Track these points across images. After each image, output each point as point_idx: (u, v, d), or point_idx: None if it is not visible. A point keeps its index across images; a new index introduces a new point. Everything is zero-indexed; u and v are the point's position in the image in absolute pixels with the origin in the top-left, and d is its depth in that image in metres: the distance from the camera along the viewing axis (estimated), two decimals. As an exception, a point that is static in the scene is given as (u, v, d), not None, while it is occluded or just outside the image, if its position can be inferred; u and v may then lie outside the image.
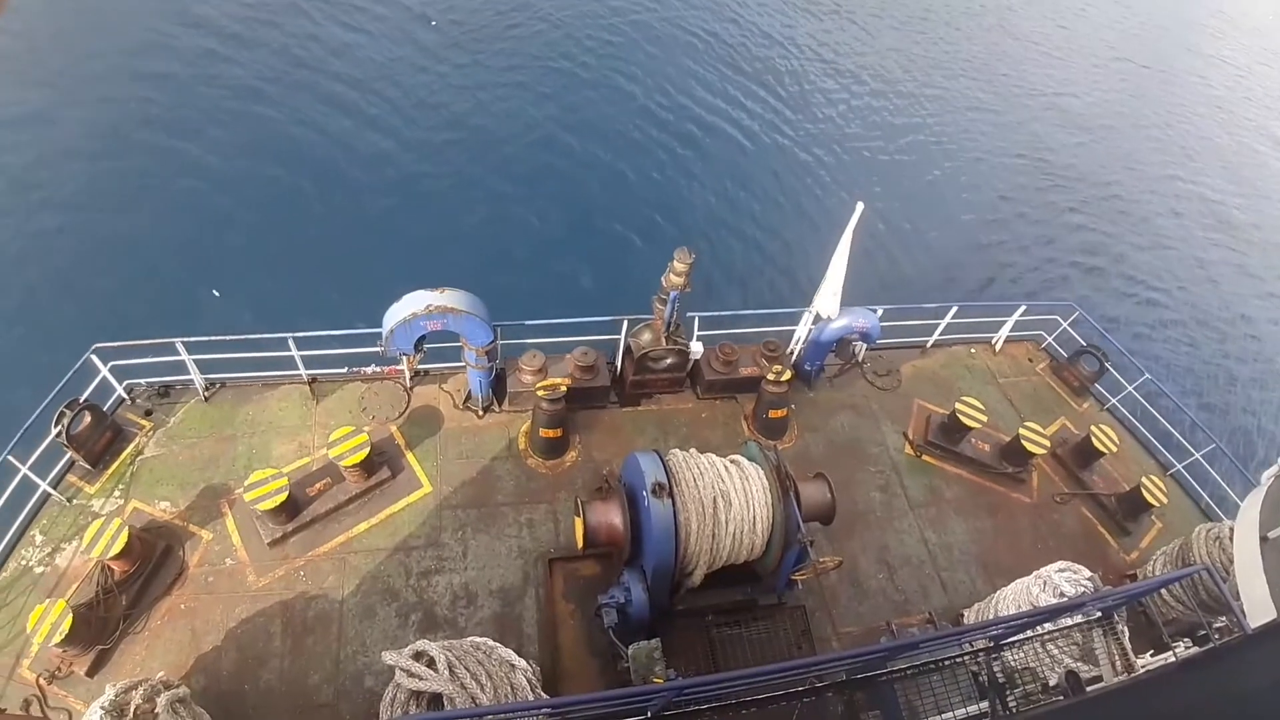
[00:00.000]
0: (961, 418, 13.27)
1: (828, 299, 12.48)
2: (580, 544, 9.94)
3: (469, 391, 13.18)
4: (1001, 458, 13.70)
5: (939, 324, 15.26)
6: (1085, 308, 16.04)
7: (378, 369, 13.58)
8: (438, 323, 11.32)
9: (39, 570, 10.93)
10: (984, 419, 13.38)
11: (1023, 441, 13.11)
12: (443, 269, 20.29)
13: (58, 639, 9.44)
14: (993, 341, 16.21)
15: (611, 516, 9.82)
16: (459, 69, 30.57)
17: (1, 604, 10.57)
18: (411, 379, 13.49)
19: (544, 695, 9.08)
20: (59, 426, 11.25)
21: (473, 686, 8.34)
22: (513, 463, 12.66)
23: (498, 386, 13.33)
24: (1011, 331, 16.02)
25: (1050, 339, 16.39)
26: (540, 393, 11.86)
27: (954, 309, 14.93)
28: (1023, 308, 15.59)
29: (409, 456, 12.56)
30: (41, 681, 9.90)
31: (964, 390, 14.81)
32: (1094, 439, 13.55)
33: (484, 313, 11.58)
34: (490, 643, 9.08)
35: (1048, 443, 13.24)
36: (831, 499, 10.17)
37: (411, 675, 8.43)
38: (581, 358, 13.16)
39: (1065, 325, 15.84)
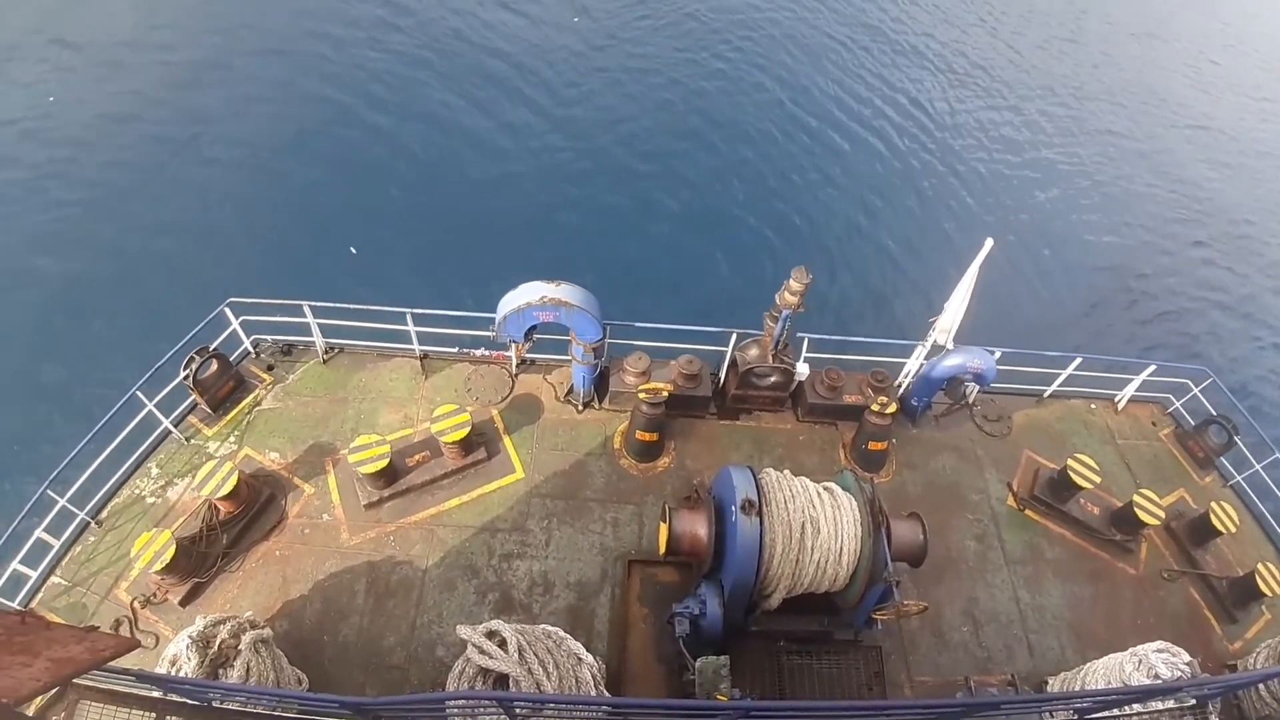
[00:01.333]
0: (1073, 475, 12.63)
1: (943, 331, 12.11)
2: (662, 550, 9.93)
3: (571, 385, 13.37)
4: (1111, 524, 12.98)
5: (1059, 374, 14.54)
6: (1220, 374, 15.01)
7: (487, 353, 13.93)
8: (550, 314, 11.53)
9: (150, 500, 11.70)
10: (1097, 480, 12.70)
11: (1136, 509, 12.38)
12: (561, 261, 20.80)
13: (159, 567, 10.09)
14: (1115, 399, 15.37)
15: (697, 527, 9.77)
16: (603, 64, 31.29)
17: (110, 528, 11.37)
18: (518, 366, 13.78)
19: (606, 694, 9.12)
20: (187, 371, 12.03)
21: (539, 673, 8.45)
22: (606, 460, 12.77)
23: (600, 384, 13.47)
24: (1137, 391, 15.12)
25: (1178, 403, 15.40)
26: (642, 395, 11.91)
27: (1077, 360, 14.23)
28: (1152, 367, 14.71)
29: (506, 441, 12.82)
30: (136, 604, 10.59)
31: (1078, 447, 14.08)
32: (1212, 516, 12.70)
33: (596, 309, 11.72)
34: (561, 633, 9.18)
35: (1162, 514, 12.47)
36: (924, 541, 9.85)
37: (483, 653, 8.59)
38: (686, 365, 13.16)
39: (1196, 391, 14.88)
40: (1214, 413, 14.68)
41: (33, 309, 19.97)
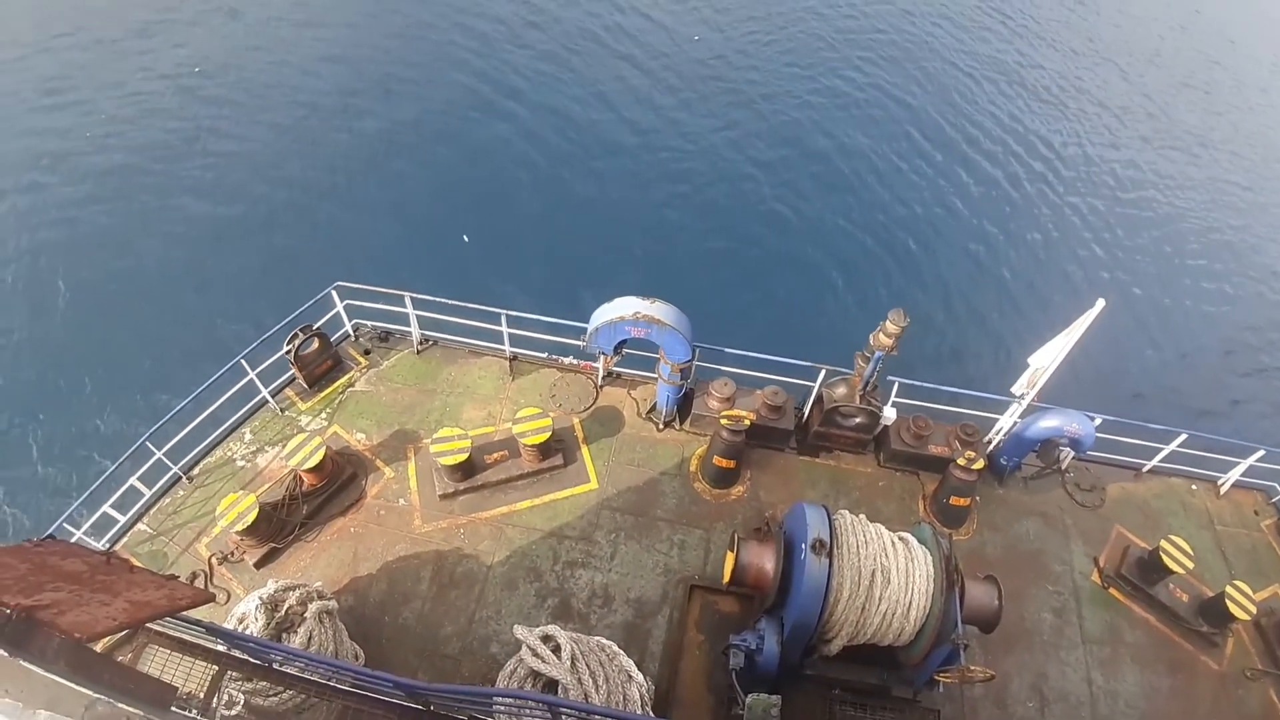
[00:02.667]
0: (1165, 558, 11.97)
1: (1035, 371, 11.62)
2: (726, 578, 9.84)
3: (655, 403, 13.40)
4: (1199, 613, 12.25)
5: (1162, 449, 13.84)
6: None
7: (575, 361, 14.10)
8: (642, 330, 11.60)
9: (240, 464, 12.27)
10: (1190, 565, 12.01)
11: (1227, 601, 11.64)
12: (659, 278, 20.98)
13: (240, 527, 10.58)
14: (1219, 482, 14.52)
15: (764, 560, 9.65)
16: (722, 88, 31.50)
17: (200, 485, 11.96)
18: (604, 378, 13.90)
19: (652, 715, 9.07)
20: (290, 346, 12.57)
21: (588, 683, 8.47)
22: (680, 482, 12.74)
23: (683, 405, 13.46)
24: (1242, 475, 14.25)
25: (1286, 494, 14.52)
26: (724, 421, 11.86)
27: (1182, 436, 13.51)
28: (1261, 452, 13.84)
29: (584, 450, 12.93)
30: (214, 560, 11.09)
31: (1174, 528, 13.36)
32: (1306, 618, 11.90)
33: (688, 330, 11.74)
34: (615, 648, 9.19)
35: (1254, 609, 11.69)
36: (999, 606, 9.48)
37: (536, 655, 8.67)
38: (772, 397, 13.04)
39: (1306, 482, 14.01)
40: (1324, 508, 13.77)
41: (162, 271, 21.28)
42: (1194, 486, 14.48)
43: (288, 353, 12.63)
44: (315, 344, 13.00)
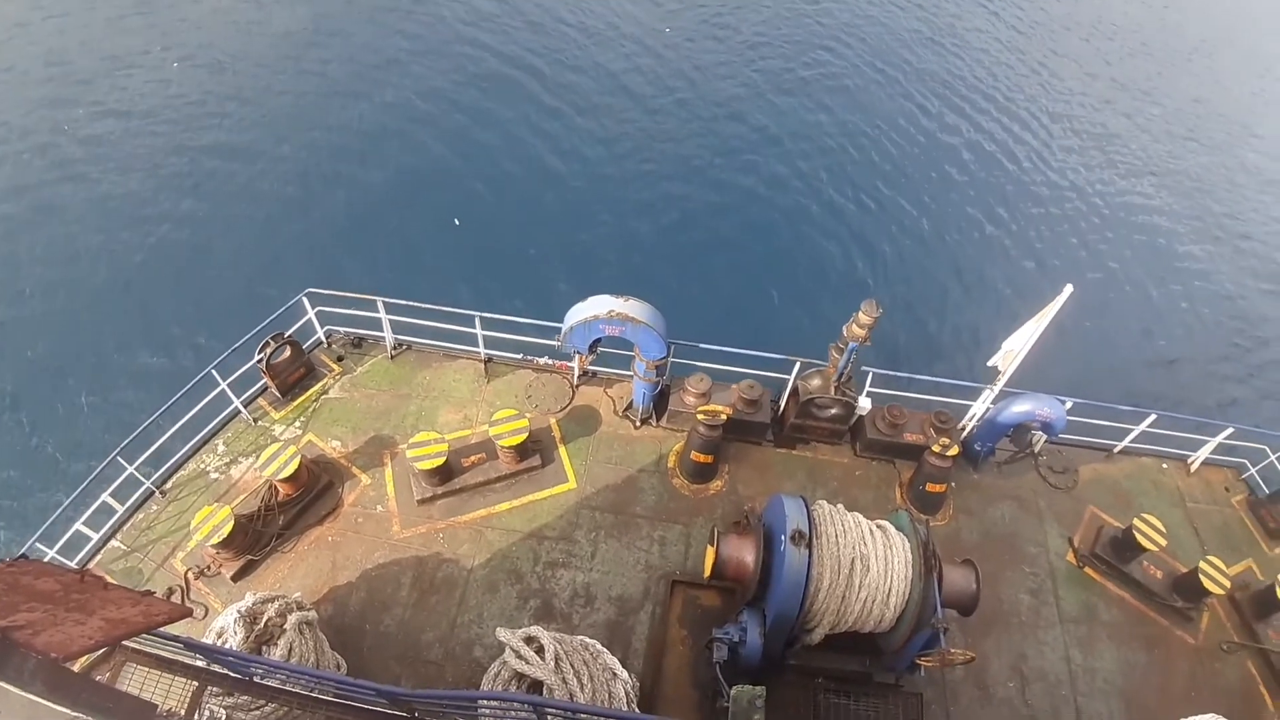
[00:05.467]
0: (1138, 536, 12.17)
1: (1006, 354, 11.75)
2: (707, 573, 9.89)
3: (631, 401, 13.42)
4: (1173, 589, 12.45)
5: (1132, 430, 14.06)
6: (1303, 446, 14.36)
7: (550, 362, 14.09)
8: (616, 329, 11.60)
9: (214, 476, 12.15)
10: (1163, 542, 12.22)
11: (1201, 576, 11.85)
12: (631, 276, 21.01)
13: (216, 540, 10.46)
14: (1189, 460, 14.76)
15: (744, 553, 9.70)
16: (688, 85, 31.51)
17: (173, 499, 11.82)
18: (579, 378, 13.89)
19: (638, 711, 9.09)
20: (261, 355, 12.45)
21: (573, 683, 8.48)
22: (658, 479, 12.77)
23: (660, 402, 13.48)
24: (1212, 453, 14.50)
25: (1254, 469, 14.73)
26: (700, 416, 11.89)
27: (1152, 417, 13.74)
28: (1229, 430, 14.10)
29: (561, 450, 12.92)
30: (190, 575, 10.96)
31: (1146, 507, 13.56)
32: (1279, 590, 12.13)
33: (662, 327, 11.76)
34: (598, 646, 9.21)
35: (1228, 583, 11.90)
36: (977, 590, 9.59)
37: (519, 657, 8.67)
38: (747, 390, 13.09)
39: (1274, 458, 14.24)
40: (1291, 481, 14.05)
41: (127, 280, 21.00)
42: (1164, 465, 14.72)
43: (259, 362, 12.50)
44: (287, 352, 12.88)
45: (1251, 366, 26.52)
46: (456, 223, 23.32)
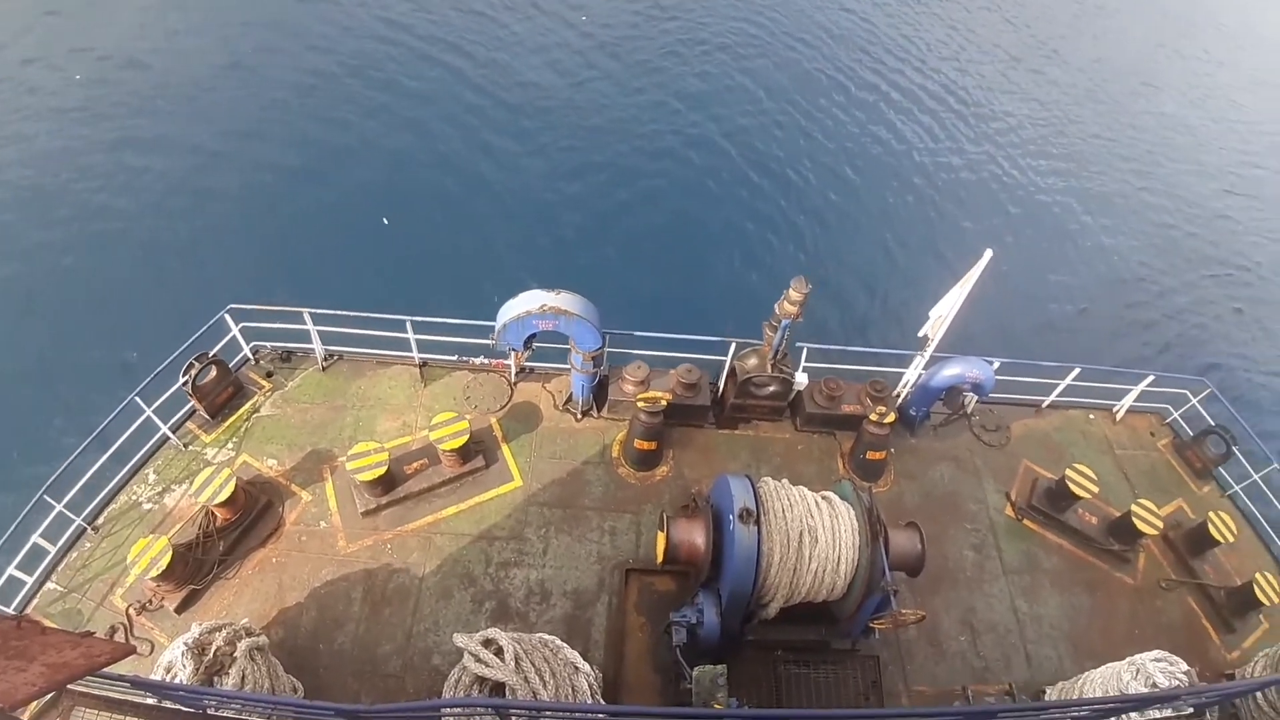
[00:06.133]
0: (1071, 485, 12.64)
1: (934, 322, 12.05)
2: (660, 558, 9.94)
3: (570, 394, 13.37)
4: (1108, 533, 12.97)
5: (1058, 384, 14.58)
6: (1219, 384, 15.03)
7: (486, 361, 13.95)
8: (550, 323, 11.54)
9: (147, 507, 11.69)
10: (1095, 490, 12.71)
11: (1134, 519, 12.38)
12: (561, 269, 20.88)
13: (155, 573, 10.08)
14: (1114, 410, 15.38)
15: (695, 535, 9.77)
16: (605, 68, 31.43)
17: (107, 534, 11.36)
18: (517, 375, 13.79)
19: (603, 702, 9.10)
20: (186, 377, 12.03)
21: (535, 681, 8.44)
22: (604, 469, 12.76)
23: (599, 392, 13.48)
24: (1135, 401, 15.14)
25: (1176, 414, 15.43)
26: (640, 404, 11.92)
27: (1076, 370, 14.25)
28: (1150, 378, 14.73)
29: (504, 449, 12.82)
30: (131, 611, 10.55)
31: (1076, 457, 14.08)
32: (1210, 526, 12.69)
33: (595, 318, 11.74)
34: (558, 642, 9.18)
35: (1160, 524, 12.45)
36: (922, 550, 9.84)
37: (479, 661, 8.58)
38: (685, 374, 13.16)
39: (1195, 401, 14.91)
40: (1212, 423, 14.71)
41: (36, 312, 20.00)
42: (1091, 416, 15.29)
43: (185, 384, 12.07)
44: (213, 372, 12.47)
45: (1164, 313, 27.71)
46: (385, 222, 22.81)
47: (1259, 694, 10.13)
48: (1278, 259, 32.39)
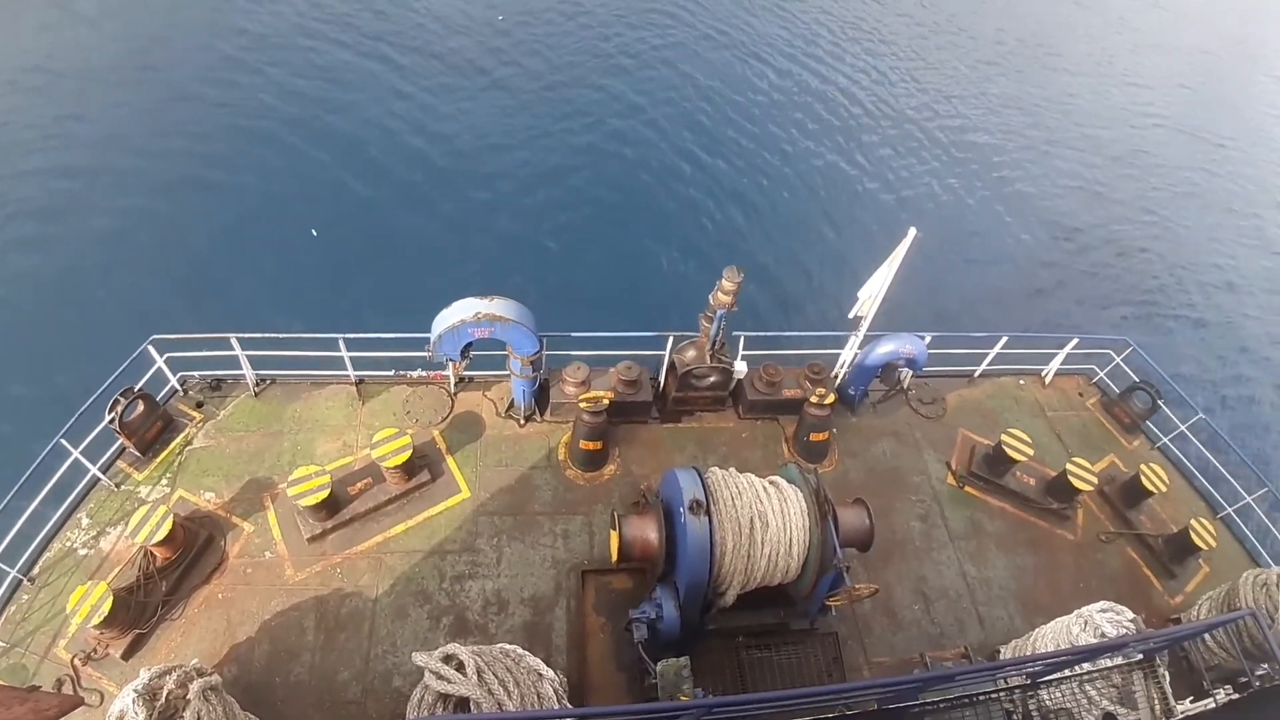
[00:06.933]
0: (1007, 450, 13.03)
1: (864, 303, 12.26)
2: (614, 557, 9.93)
3: (512, 400, 13.28)
4: (1047, 493, 13.41)
5: (988, 354, 15.01)
6: (1140, 342, 15.61)
7: (424, 373, 13.76)
8: (485, 330, 11.44)
9: (83, 552, 11.21)
10: (1030, 452, 13.13)
11: (1069, 477, 12.82)
12: (493, 275, 20.69)
13: (97, 620, 9.66)
14: (1042, 374, 15.89)
15: (647, 531, 9.80)
16: (524, 64, 31.28)
17: (44, 584, 10.86)
18: (456, 385, 13.64)
19: (570, 706, 9.07)
20: (112, 414, 11.56)
21: (500, 693, 8.35)
22: (551, 473, 12.71)
23: (540, 396, 13.40)
24: (1062, 365, 15.69)
25: (1102, 373, 16.01)
26: (583, 405, 11.89)
27: (1004, 339, 14.68)
28: (1075, 340, 15.27)
29: (449, 461, 12.67)
30: (77, 662, 10.11)
31: (1010, 422, 14.53)
32: (1143, 478, 13.21)
33: (531, 323, 11.67)
34: (519, 650, 9.09)
35: (1095, 480, 12.93)
36: (870, 525, 10.05)
37: (440, 678, 8.47)
38: (625, 372, 13.17)
39: (1118, 360, 15.48)
40: (1136, 380, 15.32)
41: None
42: (1021, 382, 15.79)
43: (111, 421, 11.60)
44: (140, 406, 12.03)
45: (1081, 274, 28.74)
46: (314, 234, 22.25)
47: (1207, 635, 10.58)
48: (1179, 211, 33.96)
